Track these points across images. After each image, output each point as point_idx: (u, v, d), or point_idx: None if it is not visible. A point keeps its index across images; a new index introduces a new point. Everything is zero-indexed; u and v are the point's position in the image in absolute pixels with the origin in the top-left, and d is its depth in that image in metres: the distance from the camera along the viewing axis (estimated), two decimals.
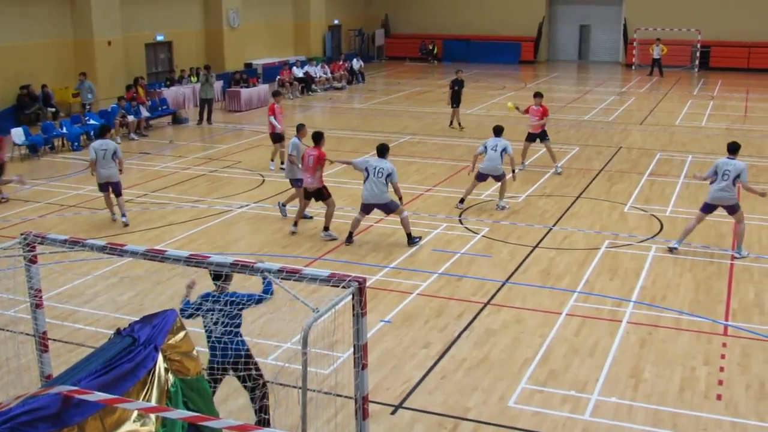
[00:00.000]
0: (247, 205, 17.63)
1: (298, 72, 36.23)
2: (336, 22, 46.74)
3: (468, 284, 13.12)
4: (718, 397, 9.56)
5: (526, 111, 20.91)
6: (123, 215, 16.20)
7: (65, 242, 7.61)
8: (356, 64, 40.40)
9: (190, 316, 8.26)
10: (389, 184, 14.80)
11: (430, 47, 49.38)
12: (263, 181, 19.76)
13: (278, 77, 35.63)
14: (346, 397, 8.72)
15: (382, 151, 15.14)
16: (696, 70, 44.07)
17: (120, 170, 16.33)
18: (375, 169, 14.78)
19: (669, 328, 11.46)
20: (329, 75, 38.28)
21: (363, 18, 50.01)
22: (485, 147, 17.14)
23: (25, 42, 27.68)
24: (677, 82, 40.12)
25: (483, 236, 15.41)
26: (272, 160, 21.17)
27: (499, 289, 12.89)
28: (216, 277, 8.24)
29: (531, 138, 20.80)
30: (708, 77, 41.87)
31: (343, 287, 6.63)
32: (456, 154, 22.96)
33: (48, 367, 8.06)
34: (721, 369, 10.23)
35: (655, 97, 35.11)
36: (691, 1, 44.70)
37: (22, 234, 7.68)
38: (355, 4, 49.57)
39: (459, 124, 27.16)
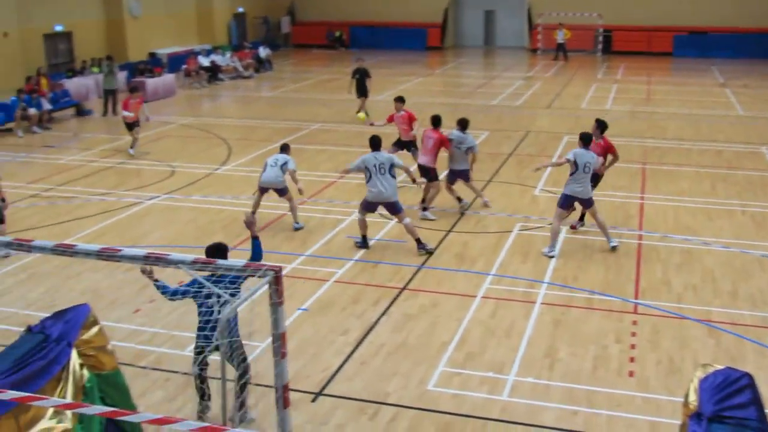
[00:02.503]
0: (157, 197, 17.30)
1: (204, 61, 35.68)
2: (240, 9, 46.15)
3: (384, 270, 13.17)
4: (630, 373, 9.83)
5: (390, 119, 18.48)
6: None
7: None
8: (263, 52, 40.00)
9: (183, 295, 8.49)
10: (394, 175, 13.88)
11: (337, 34, 49.26)
12: (173, 172, 19.42)
13: (184, 66, 35.04)
14: (266, 386, 8.67)
15: (377, 144, 14.09)
16: (599, 54, 45.10)
17: (2, 198, 13.97)
18: (376, 166, 13.76)
19: (581, 308, 11.73)
20: (236, 64, 37.82)
21: (268, 5, 49.49)
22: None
23: None
24: (581, 66, 41.01)
25: (397, 222, 15.45)
26: (131, 147, 21.62)
27: (414, 274, 12.97)
28: (211, 254, 8.38)
29: (400, 144, 18.25)
30: (611, 61, 42.91)
31: (259, 277, 6.57)
32: (367, 141, 22.91)
33: None
34: (632, 346, 10.52)
35: (561, 81, 35.80)
36: None
37: None
38: None
39: (366, 113, 26.52)
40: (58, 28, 32.67)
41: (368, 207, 14.08)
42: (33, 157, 21.42)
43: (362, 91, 26.54)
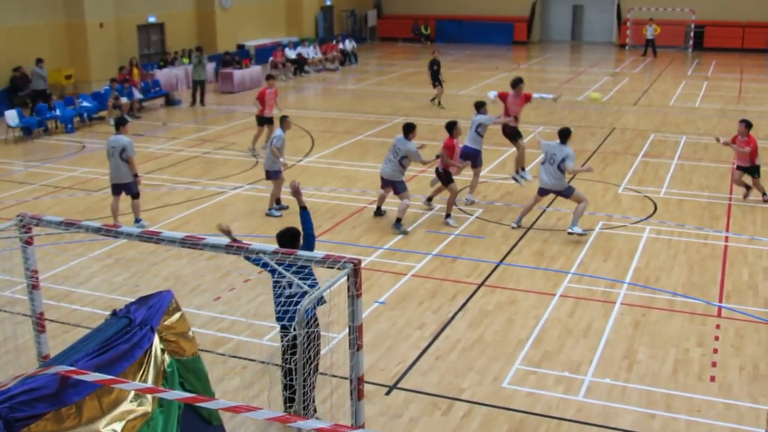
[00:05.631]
0: (240, 187, 17.60)
1: (291, 53, 36.08)
2: (328, 2, 46.44)
3: (462, 265, 13.15)
4: (712, 378, 9.62)
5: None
6: (136, 220, 14.78)
7: (61, 224, 7.60)
8: (349, 45, 40.23)
9: (256, 262, 8.23)
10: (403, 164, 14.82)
11: (423, 28, 49.20)
12: (257, 162, 19.71)
13: (271, 59, 35.50)
14: (341, 377, 8.76)
15: (405, 130, 15.01)
16: (690, 50, 43.99)
17: (135, 174, 14.70)
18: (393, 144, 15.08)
19: (663, 309, 11.51)
20: (322, 56, 38.13)
21: None
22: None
23: (18, 24, 27.50)
24: (671, 62, 40.09)
25: (477, 218, 15.43)
26: (253, 145, 20.72)
27: (493, 271, 12.92)
28: (283, 243, 8.31)
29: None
30: (702, 58, 41.82)
31: (338, 268, 6.64)
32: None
33: (45, 347, 8.08)
34: (715, 351, 10.29)
35: (649, 77, 35.10)
36: None
37: (18, 216, 7.67)
38: None
39: (439, 102, 27.93)
40: (152, 19, 33.48)
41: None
42: None
43: (438, 80, 27.81)
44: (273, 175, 15.67)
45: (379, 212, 15.56)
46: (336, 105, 28.41)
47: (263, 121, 20.63)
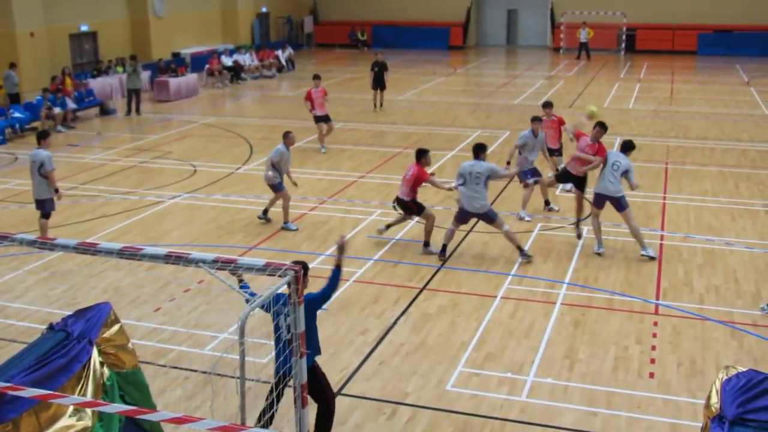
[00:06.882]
0: (179, 196, 17.42)
1: (227, 61, 35.82)
2: (264, 9, 46.30)
3: (404, 270, 13.18)
4: (651, 375, 9.79)
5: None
6: None
7: None
8: (286, 51, 40.09)
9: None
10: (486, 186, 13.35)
11: (360, 34, 49.31)
12: (195, 171, 19.54)
13: (207, 66, 35.22)
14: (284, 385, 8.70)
15: (477, 151, 13.56)
16: (622, 53, 44.86)
17: (55, 190, 13.92)
18: (470, 174, 13.33)
19: (602, 308, 11.69)
20: (258, 63, 37.95)
21: (291, 5, 49.62)
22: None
23: None
24: (604, 65, 40.80)
25: (417, 222, 15.46)
26: (321, 143, 21.81)
27: (434, 274, 12.98)
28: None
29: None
30: (634, 60, 42.66)
31: (280, 276, 6.59)
32: (389, 141, 23.01)
33: None
34: (653, 348, 10.47)
35: (583, 80, 35.66)
36: None
37: None
38: None
39: (381, 104, 28.12)
40: (84, 28, 32.97)
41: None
42: (57, 156, 21.42)
43: (380, 84, 27.85)
44: (275, 188, 15.19)
45: (444, 252, 13.67)
46: (274, 112, 28.28)
47: (318, 119, 21.78)
